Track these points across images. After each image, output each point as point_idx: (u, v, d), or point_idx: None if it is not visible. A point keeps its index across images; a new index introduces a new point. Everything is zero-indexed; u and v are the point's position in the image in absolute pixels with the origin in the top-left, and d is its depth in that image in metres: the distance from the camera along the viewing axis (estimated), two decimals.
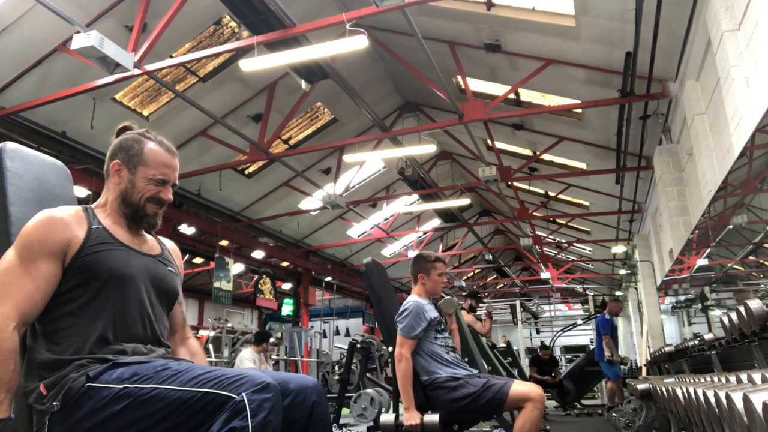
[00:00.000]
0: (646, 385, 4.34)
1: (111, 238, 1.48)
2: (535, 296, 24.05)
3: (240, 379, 1.28)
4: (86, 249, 1.42)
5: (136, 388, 1.30)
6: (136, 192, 1.53)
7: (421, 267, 3.00)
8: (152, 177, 1.53)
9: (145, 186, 1.53)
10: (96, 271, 1.41)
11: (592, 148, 9.60)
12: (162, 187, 1.56)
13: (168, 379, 1.31)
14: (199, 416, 1.27)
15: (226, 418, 1.23)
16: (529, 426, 2.50)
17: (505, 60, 8.01)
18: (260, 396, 1.25)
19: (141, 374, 1.33)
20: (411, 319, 2.78)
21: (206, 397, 1.26)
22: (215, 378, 1.29)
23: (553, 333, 16.93)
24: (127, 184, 1.53)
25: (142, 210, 1.54)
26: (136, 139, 1.56)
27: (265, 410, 1.24)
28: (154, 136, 1.58)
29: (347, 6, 7.75)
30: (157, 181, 1.54)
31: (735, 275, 6.13)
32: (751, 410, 1.38)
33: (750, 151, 3.23)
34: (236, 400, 1.24)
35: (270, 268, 14.59)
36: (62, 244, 1.40)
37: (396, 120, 11.25)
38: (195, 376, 1.31)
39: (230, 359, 10.13)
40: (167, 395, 1.28)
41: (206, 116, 8.13)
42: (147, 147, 1.54)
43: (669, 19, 5.43)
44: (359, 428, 6.07)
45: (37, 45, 6.58)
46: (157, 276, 1.55)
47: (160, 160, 1.55)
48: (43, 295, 1.36)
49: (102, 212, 1.54)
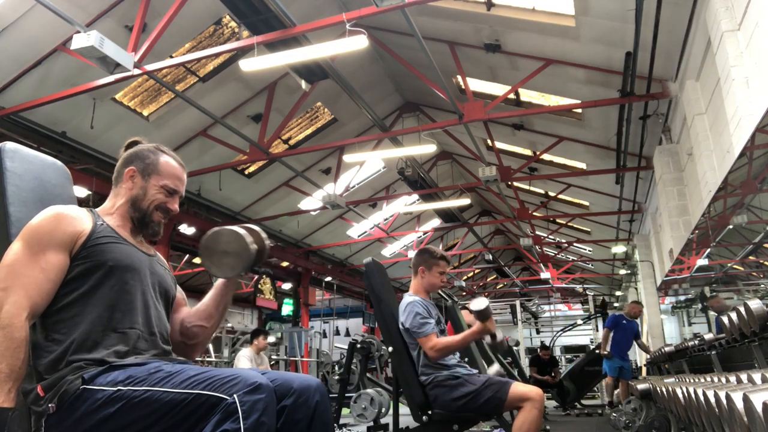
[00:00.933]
0: (646, 385, 4.34)
1: (115, 233, 1.54)
2: (535, 296, 24.04)
3: (232, 379, 1.27)
4: (92, 240, 1.46)
5: (128, 391, 1.30)
6: (147, 199, 1.60)
7: (425, 260, 2.99)
8: (164, 186, 1.61)
9: (155, 194, 1.60)
10: (101, 260, 1.45)
11: (592, 148, 9.60)
12: (171, 197, 1.63)
13: (161, 381, 1.31)
14: (191, 418, 1.26)
15: (218, 420, 1.22)
16: (528, 426, 2.50)
17: (505, 60, 8.01)
18: (252, 397, 1.24)
19: (135, 377, 1.33)
20: (419, 318, 2.77)
21: (198, 399, 1.26)
22: (207, 379, 1.29)
23: (553, 333, 16.92)
24: (139, 191, 1.60)
25: (149, 216, 1.60)
26: (152, 150, 1.65)
27: (258, 411, 1.23)
28: (168, 150, 1.69)
29: (347, 6, 7.75)
30: (168, 191, 1.62)
31: (735, 275, 6.13)
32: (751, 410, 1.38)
33: (750, 151, 3.23)
34: (228, 401, 1.23)
35: (270, 268, 14.57)
36: (71, 236, 1.43)
37: (396, 120, 11.25)
38: (187, 377, 1.31)
39: (230, 359, 10.14)
40: (159, 397, 1.28)
41: (206, 116, 8.13)
42: (162, 159, 1.64)
43: (669, 19, 5.43)
44: (359, 428, 6.07)
45: (37, 45, 6.58)
46: (156, 273, 1.60)
47: (174, 172, 1.65)
48: (52, 285, 1.38)
49: (107, 215, 1.58)
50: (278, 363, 12.37)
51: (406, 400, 2.88)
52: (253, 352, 6.40)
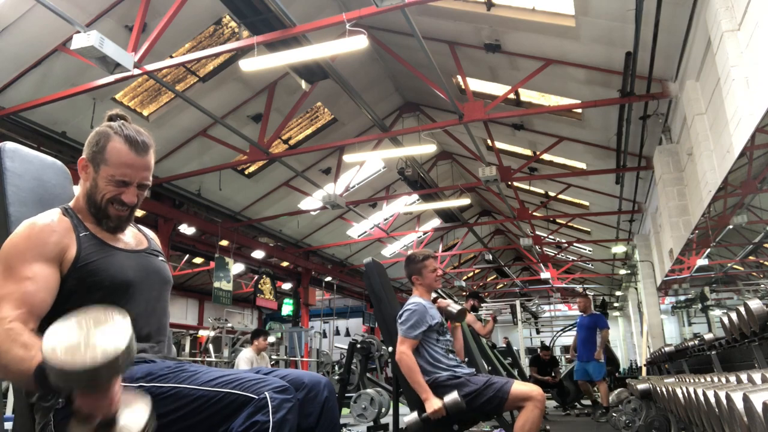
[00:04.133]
0: (646, 385, 4.34)
1: (101, 243, 1.45)
2: (535, 296, 24.05)
3: (262, 381, 1.35)
4: (81, 259, 1.39)
5: (153, 387, 1.33)
6: (98, 192, 1.45)
7: (413, 269, 3.04)
8: (111, 178, 1.44)
9: (105, 186, 1.45)
10: (96, 281, 1.40)
11: (592, 148, 9.60)
12: (123, 188, 1.45)
13: (187, 379, 1.36)
14: (219, 414, 1.31)
15: (249, 413, 1.29)
16: (530, 425, 2.51)
17: (505, 60, 8.01)
18: (281, 396, 1.32)
19: (155, 373, 1.37)
20: (414, 320, 2.79)
21: (229, 397, 1.32)
22: (236, 380, 1.35)
23: (553, 333, 16.93)
24: (92, 182, 1.47)
25: (104, 211, 1.46)
26: (103, 133, 1.46)
27: (285, 409, 1.31)
28: (122, 129, 1.45)
29: (347, 6, 7.75)
30: (116, 183, 1.44)
31: (735, 275, 6.13)
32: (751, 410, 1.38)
33: (750, 151, 3.23)
34: (259, 398, 1.30)
35: (270, 268, 14.59)
36: (54, 246, 1.37)
37: (396, 120, 11.25)
38: (214, 377, 1.36)
39: (230, 359, 10.13)
40: (189, 393, 1.33)
41: (206, 116, 8.13)
42: (110, 144, 1.44)
43: (669, 19, 5.43)
44: (359, 428, 6.07)
45: (37, 45, 6.58)
46: (153, 270, 1.56)
47: (121, 159, 1.43)
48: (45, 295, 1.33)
49: (80, 212, 1.50)
50: (278, 363, 12.36)
51: (406, 400, 2.89)
52: (253, 353, 6.41)
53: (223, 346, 11.16)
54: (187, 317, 17.86)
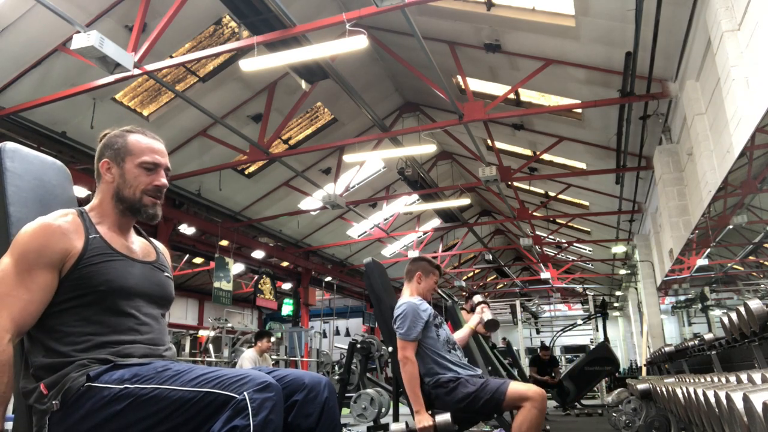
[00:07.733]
0: (646, 385, 4.34)
1: (109, 248, 1.46)
2: (535, 296, 24.04)
3: (241, 379, 1.28)
4: (84, 260, 1.40)
5: (136, 389, 1.30)
6: (128, 185, 1.51)
7: (423, 268, 3.06)
8: (141, 163, 1.51)
9: (136, 177, 1.51)
10: (93, 283, 1.40)
11: (592, 148, 9.60)
12: (153, 174, 1.53)
13: (169, 379, 1.32)
14: (200, 416, 1.27)
15: (227, 416, 1.23)
16: (528, 425, 2.49)
17: (505, 60, 8.01)
18: (262, 395, 1.25)
19: (142, 375, 1.34)
20: (408, 321, 2.78)
21: (208, 397, 1.27)
22: (216, 378, 1.30)
23: (553, 333, 16.92)
24: (119, 179, 1.52)
25: (139, 202, 1.52)
26: (118, 134, 1.55)
27: (267, 409, 1.24)
28: (135, 128, 1.57)
29: (347, 6, 7.75)
30: (147, 167, 1.52)
31: (735, 275, 6.13)
32: (751, 410, 1.38)
33: (750, 151, 3.23)
34: (238, 399, 1.24)
35: (270, 268, 14.59)
36: (60, 254, 1.38)
37: (396, 120, 11.25)
38: (196, 376, 1.31)
39: (230, 359, 10.14)
40: (168, 395, 1.29)
41: (206, 116, 8.14)
42: (130, 138, 1.54)
43: (669, 19, 5.43)
44: (359, 428, 6.06)
45: (37, 45, 6.58)
46: (154, 283, 1.55)
47: (146, 146, 1.54)
48: (38, 307, 1.35)
49: (96, 216, 1.52)
50: (278, 363, 12.37)
51: (406, 400, 2.88)
52: (256, 354, 6.42)
53: (223, 346, 11.16)
54: (187, 317, 17.87)
